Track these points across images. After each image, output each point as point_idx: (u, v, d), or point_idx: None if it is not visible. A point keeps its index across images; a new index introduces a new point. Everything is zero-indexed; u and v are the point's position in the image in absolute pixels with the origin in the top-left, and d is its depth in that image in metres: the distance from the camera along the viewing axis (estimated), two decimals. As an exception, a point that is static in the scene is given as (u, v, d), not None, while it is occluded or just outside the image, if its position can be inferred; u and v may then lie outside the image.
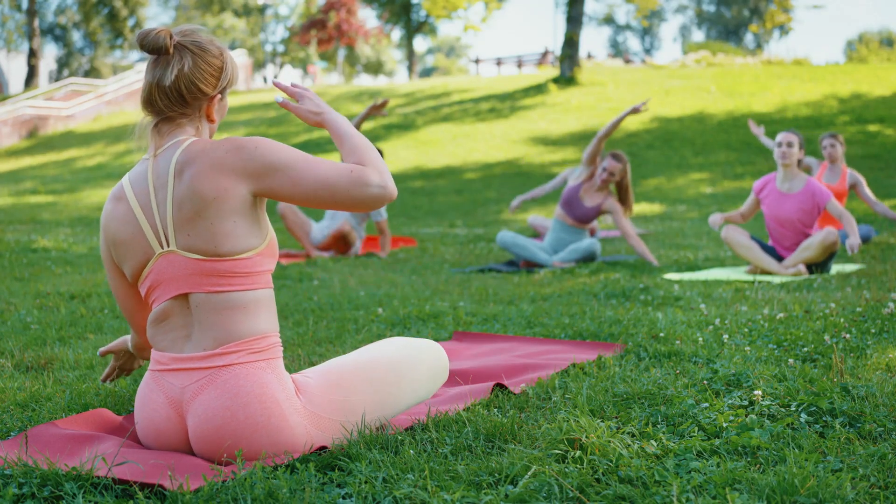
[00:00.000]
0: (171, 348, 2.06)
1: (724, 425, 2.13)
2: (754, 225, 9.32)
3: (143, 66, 36.05)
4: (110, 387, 2.70)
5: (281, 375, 2.06)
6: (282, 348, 2.13)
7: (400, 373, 2.23)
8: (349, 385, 2.15)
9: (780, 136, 5.98)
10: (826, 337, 3.21)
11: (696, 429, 2.14)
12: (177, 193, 2.01)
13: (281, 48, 52.85)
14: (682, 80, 25.72)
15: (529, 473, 1.79)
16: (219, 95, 2.14)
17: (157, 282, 2.06)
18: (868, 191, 7.61)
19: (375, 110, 6.97)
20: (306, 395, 2.08)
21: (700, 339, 3.33)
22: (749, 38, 64.92)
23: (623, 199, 6.64)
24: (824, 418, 2.21)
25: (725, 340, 3.29)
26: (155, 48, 2.05)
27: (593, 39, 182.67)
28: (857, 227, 7.60)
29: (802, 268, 5.77)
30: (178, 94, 2.07)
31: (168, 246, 2.03)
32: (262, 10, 51.73)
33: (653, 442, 2.02)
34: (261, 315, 2.06)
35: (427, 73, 69.52)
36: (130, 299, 2.26)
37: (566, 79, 25.60)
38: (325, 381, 2.13)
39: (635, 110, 6.41)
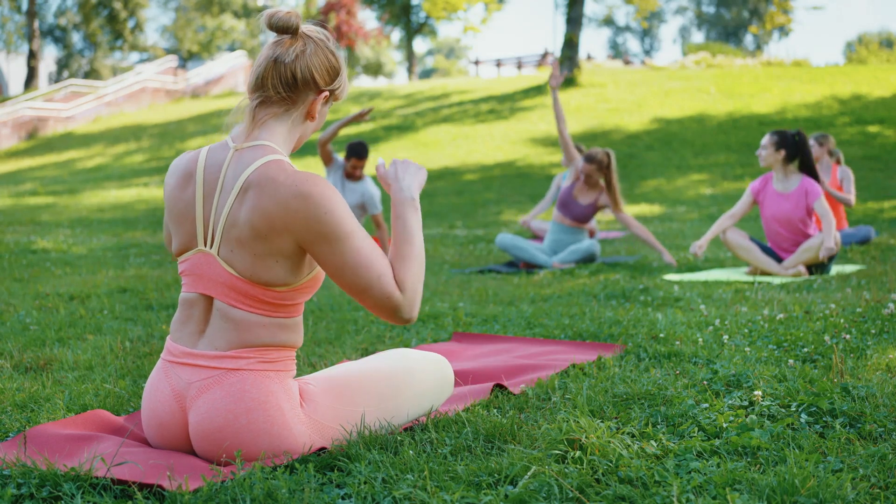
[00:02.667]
0: (185, 341, 2.06)
1: (725, 426, 2.13)
2: (753, 226, 9.32)
3: (142, 68, 36.10)
4: (109, 387, 2.70)
5: (288, 387, 2.05)
6: (295, 364, 2.12)
7: (403, 385, 2.21)
8: (352, 395, 2.14)
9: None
10: (826, 337, 3.21)
11: (696, 429, 2.13)
12: (234, 211, 1.98)
13: (281, 49, 52.74)
14: (681, 81, 25.73)
15: (529, 474, 1.79)
16: (327, 93, 2.08)
17: (190, 272, 2.06)
18: (851, 186, 7.64)
19: (360, 118, 7.02)
20: (310, 404, 2.08)
21: (700, 339, 3.33)
22: (749, 39, 64.96)
23: (609, 194, 6.66)
24: (824, 419, 2.20)
25: (725, 341, 3.28)
26: (284, 27, 2.01)
27: (593, 41, 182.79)
28: (858, 229, 7.67)
29: (802, 269, 5.78)
30: (293, 75, 2.02)
31: (210, 248, 2.02)
32: (261, 11, 51.70)
33: (653, 442, 2.01)
34: (281, 333, 2.05)
35: (427, 74, 69.53)
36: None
37: (566, 80, 25.60)
38: (328, 390, 2.13)
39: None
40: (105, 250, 8.25)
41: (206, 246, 2.03)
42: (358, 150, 7.49)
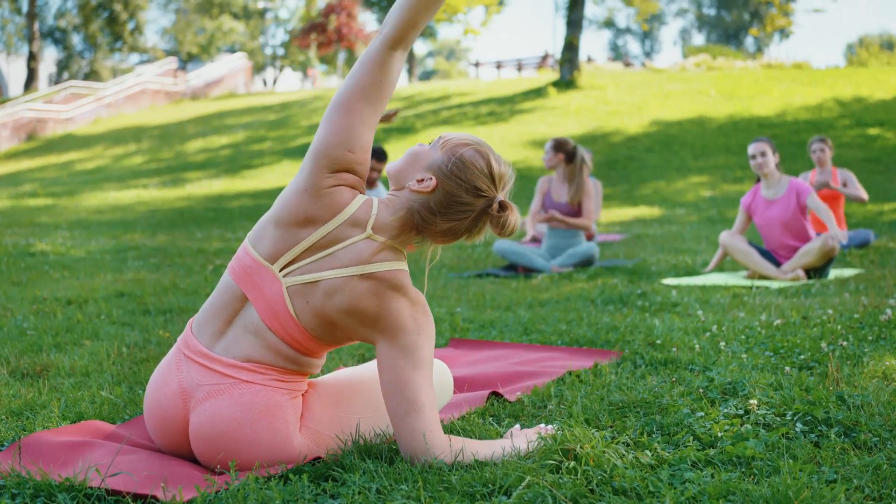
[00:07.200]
0: (204, 338, 2.06)
1: (719, 435, 2.13)
2: (751, 229, 9.31)
3: (142, 70, 36.07)
4: (105, 395, 2.69)
5: (296, 403, 2.06)
6: (307, 384, 2.14)
7: None
8: (348, 402, 2.14)
9: (751, 148, 6.04)
10: (823, 344, 3.21)
11: (691, 438, 2.13)
12: (340, 282, 1.99)
13: (281, 52, 52.88)
14: (682, 83, 25.72)
15: (523, 484, 1.79)
16: None
17: (248, 270, 2.04)
18: (857, 184, 7.62)
19: (387, 119, 7.07)
20: (306, 411, 2.08)
21: (697, 346, 3.32)
22: (749, 41, 64.97)
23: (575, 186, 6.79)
24: (819, 428, 2.20)
25: (722, 347, 3.28)
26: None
27: (593, 43, 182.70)
28: (857, 232, 7.66)
29: (801, 273, 5.78)
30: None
31: (284, 278, 2.01)
32: (262, 13, 51.73)
33: (647, 452, 2.01)
34: (304, 364, 2.08)
35: (427, 76, 69.54)
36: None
37: (566, 82, 25.61)
38: (324, 396, 2.13)
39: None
40: (103, 253, 8.25)
41: (280, 272, 2.02)
42: (377, 153, 7.60)
